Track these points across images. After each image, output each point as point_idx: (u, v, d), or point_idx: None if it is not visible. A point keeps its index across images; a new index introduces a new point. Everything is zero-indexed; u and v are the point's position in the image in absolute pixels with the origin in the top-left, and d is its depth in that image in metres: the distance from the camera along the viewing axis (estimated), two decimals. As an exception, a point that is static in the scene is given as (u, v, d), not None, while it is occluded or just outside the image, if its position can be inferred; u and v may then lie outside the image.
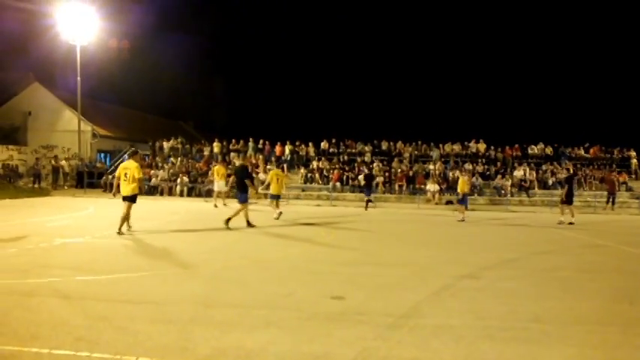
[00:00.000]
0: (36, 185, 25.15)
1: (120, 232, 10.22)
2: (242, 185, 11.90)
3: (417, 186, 23.85)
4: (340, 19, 68.76)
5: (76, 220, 12.97)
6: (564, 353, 4.07)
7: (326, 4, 65.23)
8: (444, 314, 5.06)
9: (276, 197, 14.78)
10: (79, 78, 24.82)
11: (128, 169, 10.50)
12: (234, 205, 18.25)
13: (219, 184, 18.39)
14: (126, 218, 10.41)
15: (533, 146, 28.34)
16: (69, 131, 27.96)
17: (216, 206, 17.70)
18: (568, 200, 14.81)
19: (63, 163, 27.42)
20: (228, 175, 18.19)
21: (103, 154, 31.02)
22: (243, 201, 11.86)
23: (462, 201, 15.40)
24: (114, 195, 10.88)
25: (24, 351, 3.80)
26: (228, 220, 11.54)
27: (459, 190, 15.58)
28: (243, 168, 12.53)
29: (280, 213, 14.04)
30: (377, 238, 11.13)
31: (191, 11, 62.46)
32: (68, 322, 4.50)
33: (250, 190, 12.21)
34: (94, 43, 25.63)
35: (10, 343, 3.93)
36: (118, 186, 10.60)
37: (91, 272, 6.62)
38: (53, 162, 26.90)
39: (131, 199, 10.43)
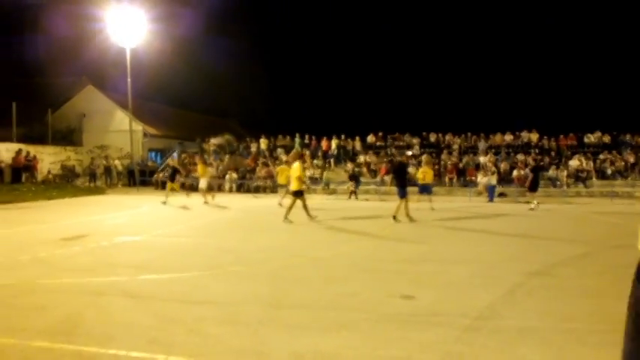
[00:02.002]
0: (92, 184, 26.16)
1: (286, 220, 11.77)
2: (400, 181, 12.46)
3: (468, 178, 23.19)
4: (383, 12, 67.76)
5: (132, 218, 13.29)
6: (669, 361, 3.70)
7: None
8: (523, 315, 4.74)
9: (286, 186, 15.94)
10: (129, 79, 25.49)
11: (292, 169, 12.30)
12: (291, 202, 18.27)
13: (281, 179, 17.69)
14: (305, 207, 12.13)
15: (589, 135, 26.94)
16: (121, 131, 28.83)
17: (280, 205, 15.84)
18: (532, 188, 16.21)
19: (116, 162, 28.39)
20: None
21: (154, 153, 31.88)
22: (402, 196, 12.34)
23: (426, 190, 16.17)
24: None
25: (102, 352, 3.80)
26: (394, 217, 12.23)
27: (420, 180, 16.21)
28: (401, 165, 13.26)
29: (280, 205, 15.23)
30: (433, 233, 10.79)
31: (236, 10, 63.07)
32: (140, 323, 4.50)
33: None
34: (143, 45, 26.27)
35: (88, 344, 3.94)
36: None
37: (153, 271, 6.69)
38: (104, 162, 27.89)
39: (297, 194, 12.11)
